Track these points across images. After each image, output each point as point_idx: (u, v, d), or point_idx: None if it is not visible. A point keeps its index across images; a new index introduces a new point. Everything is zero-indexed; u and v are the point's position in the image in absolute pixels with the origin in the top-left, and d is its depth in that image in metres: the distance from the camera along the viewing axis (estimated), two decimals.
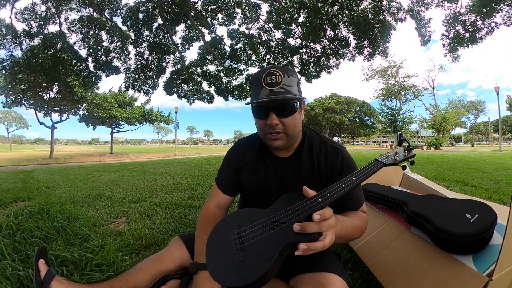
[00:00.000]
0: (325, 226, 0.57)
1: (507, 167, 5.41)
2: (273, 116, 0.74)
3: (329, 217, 0.58)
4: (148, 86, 8.67)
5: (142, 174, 4.94)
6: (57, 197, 2.75)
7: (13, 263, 1.10)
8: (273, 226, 0.62)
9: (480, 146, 46.48)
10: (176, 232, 1.65)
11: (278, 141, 0.79)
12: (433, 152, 16.82)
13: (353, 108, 48.26)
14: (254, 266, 0.56)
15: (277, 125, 0.75)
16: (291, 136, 0.80)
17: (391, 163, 0.77)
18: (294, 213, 0.61)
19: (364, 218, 0.82)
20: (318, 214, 0.57)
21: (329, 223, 0.58)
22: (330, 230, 0.58)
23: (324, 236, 0.57)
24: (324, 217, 0.57)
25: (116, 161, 11.66)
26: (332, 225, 0.59)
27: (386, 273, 0.94)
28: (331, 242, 0.58)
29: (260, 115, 0.77)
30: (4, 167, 9.02)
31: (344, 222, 0.71)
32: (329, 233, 0.57)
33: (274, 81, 0.72)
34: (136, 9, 7.05)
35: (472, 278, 0.72)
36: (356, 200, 0.83)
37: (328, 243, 0.56)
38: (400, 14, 6.51)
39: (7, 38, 6.64)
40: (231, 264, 0.59)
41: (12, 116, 52.81)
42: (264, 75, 0.73)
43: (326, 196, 0.62)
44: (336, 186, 0.64)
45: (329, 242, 0.57)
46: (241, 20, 8.08)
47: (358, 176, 0.68)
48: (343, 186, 0.64)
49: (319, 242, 0.56)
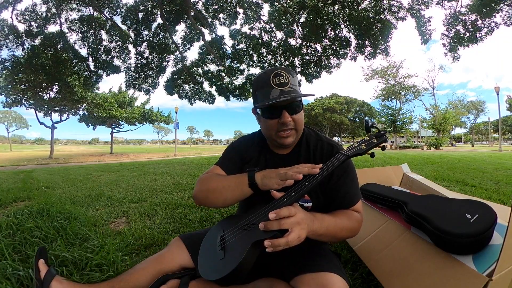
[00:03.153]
0: (287, 223, 0.61)
1: (507, 167, 5.41)
2: (286, 114, 0.79)
3: (292, 215, 0.62)
4: (148, 85, 8.68)
5: (142, 174, 4.94)
6: (57, 197, 2.75)
7: (13, 263, 1.10)
8: (246, 227, 0.70)
9: (480, 146, 46.46)
10: (176, 232, 1.65)
11: (290, 138, 0.83)
12: (433, 152, 16.82)
13: (353, 108, 48.24)
14: (229, 262, 0.65)
15: (290, 122, 0.80)
16: (299, 132, 0.85)
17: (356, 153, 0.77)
18: (263, 215, 0.68)
19: (355, 218, 0.81)
20: (273, 213, 0.61)
21: (291, 220, 0.62)
22: (295, 226, 0.61)
23: (289, 232, 0.60)
24: (281, 215, 0.61)
25: (116, 161, 11.66)
26: (297, 222, 0.62)
27: (386, 273, 0.94)
28: (299, 238, 0.61)
29: (272, 115, 0.80)
30: (4, 167, 9.03)
31: (324, 220, 0.72)
32: (295, 230, 0.61)
33: (282, 81, 0.77)
34: (136, 8, 7.04)
35: (472, 278, 0.72)
36: (347, 199, 0.83)
37: (292, 239, 0.60)
38: (400, 13, 6.51)
39: (10, 38, 6.64)
40: (213, 262, 0.70)
41: (12, 116, 52.83)
42: (271, 77, 0.77)
43: (291, 195, 0.68)
44: (300, 184, 0.70)
45: (295, 238, 0.60)
46: (243, 20, 8.08)
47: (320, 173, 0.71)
48: (306, 184, 0.69)
49: (283, 238, 0.59)
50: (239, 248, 0.66)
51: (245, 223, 0.71)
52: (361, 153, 0.77)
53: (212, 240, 0.78)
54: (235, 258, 0.64)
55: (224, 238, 0.73)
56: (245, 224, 0.71)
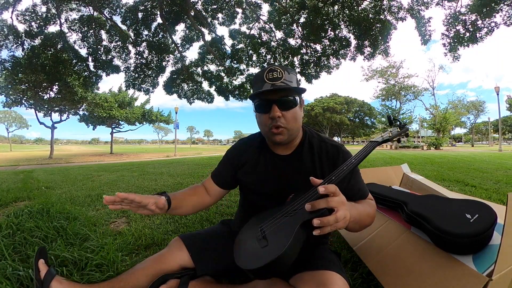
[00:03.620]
0: (333, 201, 0.60)
1: (507, 167, 5.41)
2: (276, 108, 0.78)
3: (337, 194, 0.61)
4: (148, 85, 8.68)
5: (142, 174, 4.94)
6: (57, 197, 2.74)
7: (13, 263, 1.10)
8: (288, 214, 0.68)
9: (480, 146, 46.46)
10: (176, 232, 1.65)
11: (280, 136, 0.82)
12: (433, 152, 16.81)
13: (353, 108, 48.28)
14: (273, 248, 0.60)
15: (279, 117, 0.79)
16: (292, 130, 0.83)
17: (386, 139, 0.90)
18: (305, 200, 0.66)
19: (373, 205, 0.86)
20: (322, 187, 0.60)
21: (337, 199, 0.61)
22: (340, 206, 0.60)
23: (336, 210, 0.59)
24: (330, 191, 0.60)
25: (116, 161, 11.66)
26: (343, 202, 0.61)
27: (386, 273, 0.94)
28: (345, 218, 0.60)
29: (263, 109, 0.81)
30: (4, 167, 9.02)
31: (357, 207, 0.75)
32: (341, 209, 0.60)
33: (275, 76, 0.77)
34: (135, 8, 7.04)
35: (472, 278, 0.72)
36: (361, 193, 0.87)
37: (340, 216, 0.58)
38: (400, 13, 6.51)
39: (9, 38, 6.64)
40: (255, 251, 0.64)
41: (12, 116, 52.82)
42: (265, 72, 0.79)
43: (331, 179, 0.69)
44: (339, 170, 0.72)
45: (343, 217, 0.59)
46: (242, 20, 8.08)
47: (356, 158, 0.75)
48: (345, 168, 0.72)
49: (331, 215, 0.58)
50: (285, 233, 0.62)
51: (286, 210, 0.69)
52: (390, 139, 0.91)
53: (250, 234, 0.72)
54: (281, 243, 0.59)
55: (263, 229, 0.69)
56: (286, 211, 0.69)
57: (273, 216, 0.71)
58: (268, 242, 0.63)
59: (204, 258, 0.90)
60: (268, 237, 0.65)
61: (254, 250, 0.65)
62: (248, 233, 0.73)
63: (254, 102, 0.84)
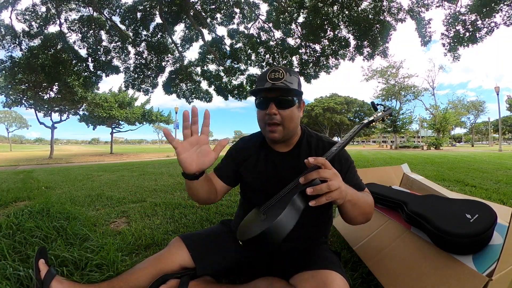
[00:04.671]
0: (325, 172, 0.61)
1: (507, 167, 5.41)
2: (273, 106, 0.82)
3: (328, 167, 0.63)
4: (148, 85, 8.68)
5: (142, 174, 4.94)
6: (57, 197, 2.74)
7: (13, 263, 1.10)
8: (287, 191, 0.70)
9: (480, 146, 46.45)
10: (176, 232, 1.65)
11: (275, 134, 0.85)
12: (433, 152, 16.82)
13: (353, 108, 48.24)
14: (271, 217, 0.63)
15: (275, 115, 0.82)
16: (287, 129, 0.85)
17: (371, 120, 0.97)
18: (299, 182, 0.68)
19: (371, 197, 0.87)
20: (312, 158, 0.63)
21: (329, 171, 0.62)
22: (333, 176, 0.61)
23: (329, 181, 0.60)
24: (319, 162, 0.62)
25: (116, 161, 11.66)
26: (335, 173, 0.63)
27: (386, 273, 0.94)
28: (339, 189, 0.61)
29: (261, 105, 0.85)
30: (4, 167, 9.02)
31: (355, 191, 0.75)
32: (334, 179, 0.61)
33: (277, 76, 0.81)
34: (134, 8, 7.04)
35: (472, 278, 0.72)
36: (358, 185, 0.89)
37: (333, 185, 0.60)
38: (400, 15, 6.51)
39: (6, 38, 6.63)
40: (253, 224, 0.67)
41: (12, 116, 52.81)
42: (269, 72, 0.83)
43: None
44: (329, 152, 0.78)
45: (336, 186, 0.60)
46: (240, 19, 8.08)
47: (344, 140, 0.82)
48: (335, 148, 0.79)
49: (324, 184, 0.59)
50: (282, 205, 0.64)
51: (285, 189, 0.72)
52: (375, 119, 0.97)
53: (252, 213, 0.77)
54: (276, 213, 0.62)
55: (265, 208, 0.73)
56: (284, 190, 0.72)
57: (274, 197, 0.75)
58: (268, 215, 0.67)
59: (204, 258, 0.90)
60: (267, 213, 0.69)
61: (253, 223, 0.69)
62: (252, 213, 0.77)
63: (255, 99, 0.88)
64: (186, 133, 0.70)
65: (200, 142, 0.71)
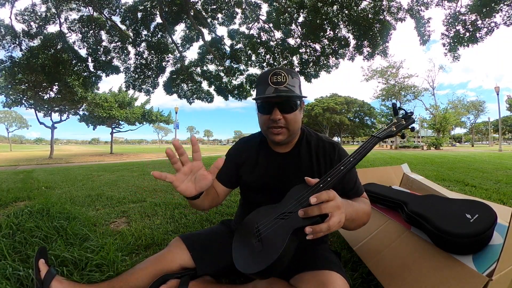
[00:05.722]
0: (327, 208, 0.59)
1: (507, 167, 5.41)
2: (277, 112, 0.80)
3: (331, 199, 0.60)
4: (148, 85, 8.68)
5: (142, 174, 4.94)
6: (57, 197, 2.74)
7: (13, 263, 1.10)
8: (283, 216, 0.67)
9: (480, 146, 46.43)
10: (176, 232, 1.65)
11: (280, 136, 0.84)
12: (433, 152, 16.81)
13: (353, 108, 48.24)
14: (269, 253, 0.61)
15: (280, 120, 0.81)
16: (292, 131, 0.85)
17: (387, 135, 0.80)
18: (299, 202, 0.66)
19: (368, 203, 0.86)
20: (314, 197, 0.59)
21: (331, 204, 0.59)
22: (335, 210, 0.59)
23: (329, 217, 0.58)
24: (322, 199, 0.59)
25: (116, 161, 11.66)
26: (337, 206, 0.60)
27: (386, 273, 0.94)
28: (339, 222, 0.59)
29: (265, 110, 0.83)
30: (4, 167, 9.02)
31: (354, 205, 0.74)
32: (335, 214, 0.59)
33: (279, 80, 0.79)
34: (135, 8, 7.04)
35: (472, 278, 0.72)
36: (356, 190, 0.88)
37: (333, 223, 0.58)
38: (399, 14, 6.51)
39: (6, 38, 6.63)
40: (251, 255, 0.66)
41: (12, 116, 52.78)
42: (270, 75, 0.80)
43: (327, 180, 0.66)
44: (335, 170, 0.69)
45: (337, 223, 0.58)
46: (241, 20, 8.08)
47: (355, 156, 0.72)
48: (342, 169, 0.69)
49: (324, 223, 0.57)
50: (278, 238, 0.63)
51: (281, 212, 0.69)
52: (393, 134, 0.81)
53: (247, 232, 0.74)
54: (275, 249, 0.61)
55: (259, 230, 0.70)
56: (281, 213, 0.69)
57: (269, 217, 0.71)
58: (263, 246, 0.65)
59: (204, 258, 0.90)
60: (263, 241, 0.66)
61: (251, 254, 0.66)
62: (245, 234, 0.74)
63: (257, 103, 0.86)
64: (177, 167, 0.68)
65: (194, 169, 0.69)
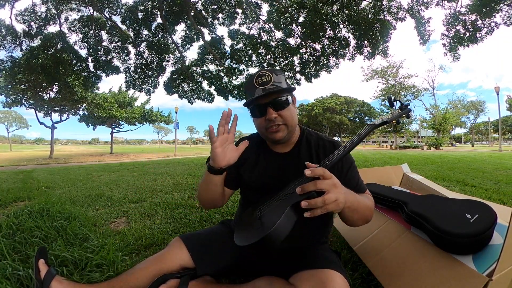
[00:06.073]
0: (323, 184, 0.59)
1: (507, 167, 5.41)
2: (271, 111, 0.81)
3: (327, 177, 0.61)
4: (149, 85, 8.67)
5: (142, 174, 4.94)
6: (57, 197, 2.74)
7: (13, 263, 1.10)
8: (284, 197, 0.71)
9: (480, 146, 46.42)
10: (176, 232, 1.65)
11: (280, 133, 0.84)
12: (433, 152, 16.81)
13: (353, 108, 48.15)
14: (266, 226, 0.65)
15: (276, 118, 0.82)
16: (290, 127, 0.85)
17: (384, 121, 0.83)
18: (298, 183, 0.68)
19: (371, 199, 0.86)
20: (309, 170, 0.60)
21: (328, 182, 0.60)
22: (331, 188, 0.60)
23: (326, 193, 0.59)
24: (316, 173, 0.60)
25: (116, 161, 11.66)
26: (334, 184, 0.61)
27: (386, 273, 0.94)
28: (336, 201, 0.59)
29: (258, 113, 0.84)
30: (4, 167, 9.02)
31: (356, 196, 0.74)
32: (332, 191, 0.59)
33: (264, 80, 0.80)
34: (135, 8, 7.04)
35: (472, 278, 0.72)
36: (358, 187, 0.87)
37: (329, 198, 0.58)
38: (400, 14, 6.50)
39: (7, 39, 6.64)
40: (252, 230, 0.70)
41: (12, 116, 52.81)
42: (255, 78, 0.82)
43: (325, 163, 0.71)
44: (333, 154, 0.73)
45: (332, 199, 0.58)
46: (242, 20, 8.07)
47: (351, 142, 0.75)
48: (339, 152, 0.73)
49: (320, 197, 0.58)
50: (276, 214, 0.66)
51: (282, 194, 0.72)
52: (388, 121, 0.83)
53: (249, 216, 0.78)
54: (271, 223, 0.64)
55: (261, 211, 0.74)
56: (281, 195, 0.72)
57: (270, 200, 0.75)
58: (262, 222, 0.68)
59: (204, 258, 0.90)
60: (262, 219, 0.70)
61: (250, 229, 0.71)
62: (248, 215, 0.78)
63: (249, 108, 0.87)
64: (221, 130, 0.76)
65: (229, 140, 0.78)
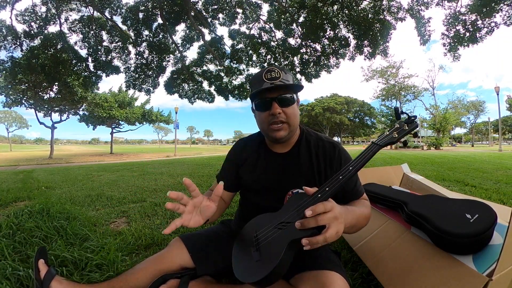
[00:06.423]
0: (324, 219, 0.58)
1: (507, 167, 5.41)
2: (276, 105, 0.81)
3: (328, 210, 0.59)
4: (149, 85, 8.68)
5: (142, 174, 4.94)
6: (57, 197, 2.74)
7: (13, 263, 1.10)
8: (281, 226, 0.67)
9: (480, 146, 46.40)
10: (176, 232, 1.65)
11: (281, 132, 0.83)
12: (433, 152, 16.81)
13: (353, 108, 48.19)
14: (266, 264, 0.62)
15: (280, 113, 0.81)
16: (292, 126, 0.85)
17: (388, 142, 0.74)
18: (298, 212, 0.65)
19: (368, 205, 0.85)
20: (310, 210, 0.58)
21: (329, 216, 0.58)
22: (332, 222, 0.58)
23: (326, 228, 0.57)
24: (318, 212, 0.58)
25: (116, 161, 11.66)
26: (335, 217, 0.59)
27: (386, 273, 0.94)
28: (337, 233, 0.58)
29: (263, 107, 0.83)
30: (4, 167, 9.02)
31: (354, 211, 0.73)
32: (333, 225, 0.58)
33: (274, 76, 0.80)
34: (136, 8, 7.05)
35: (472, 278, 0.72)
36: (356, 191, 0.86)
37: (331, 235, 0.57)
38: (400, 14, 6.51)
39: (8, 39, 6.64)
40: (249, 264, 0.66)
41: (12, 116, 52.80)
42: (264, 73, 0.82)
43: (325, 190, 0.65)
44: (334, 179, 0.67)
45: (334, 234, 0.57)
46: (242, 20, 8.07)
47: (354, 165, 0.69)
48: (340, 178, 0.67)
49: (321, 235, 0.57)
50: (275, 249, 0.63)
51: (279, 221, 0.68)
52: (394, 141, 0.75)
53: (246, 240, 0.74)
54: (271, 260, 0.61)
55: (258, 239, 0.71)
56: (279, 223, 0.68)
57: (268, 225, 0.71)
58: (261, 256, 0.65)
59: (204, 258, 0.90)
60: (261, 250, 0.67)
61: (249, 263, 0.67)
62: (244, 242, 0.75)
63: (254, 101, 0.86)
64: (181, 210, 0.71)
65: (197, 204, 0.73)
